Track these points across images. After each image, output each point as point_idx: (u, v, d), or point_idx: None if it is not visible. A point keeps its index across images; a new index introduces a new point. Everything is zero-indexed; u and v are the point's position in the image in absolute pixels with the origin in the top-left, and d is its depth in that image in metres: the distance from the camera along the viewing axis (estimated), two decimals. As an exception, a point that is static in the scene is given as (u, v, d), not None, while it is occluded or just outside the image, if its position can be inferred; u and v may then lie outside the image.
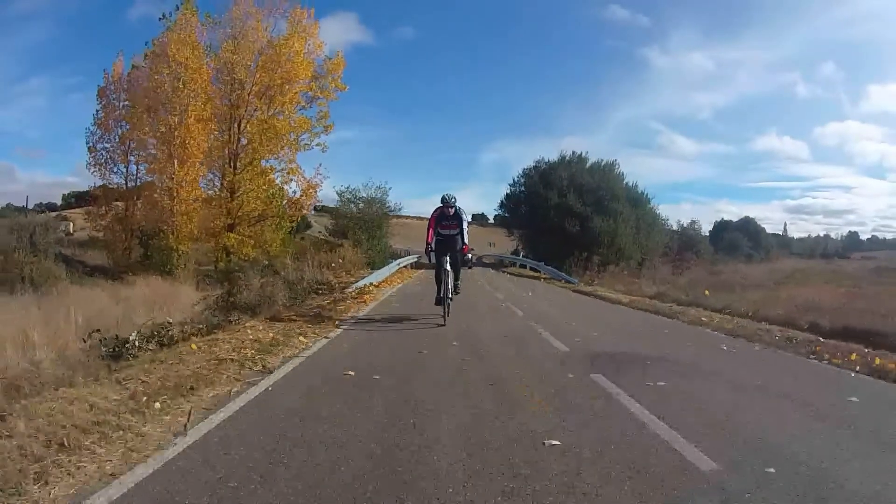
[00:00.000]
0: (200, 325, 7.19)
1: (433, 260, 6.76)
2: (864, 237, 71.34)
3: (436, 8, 71.69)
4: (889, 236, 66.45)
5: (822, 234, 71.67)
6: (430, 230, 6.70)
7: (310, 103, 22.12)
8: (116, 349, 5.52)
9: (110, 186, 23.04)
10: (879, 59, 71.02)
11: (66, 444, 2.48)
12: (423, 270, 17.42)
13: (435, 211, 6.80)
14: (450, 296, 6.63)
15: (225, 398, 3.17)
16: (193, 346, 4.49)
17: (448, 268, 6.59)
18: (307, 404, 3.15)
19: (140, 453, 2.38)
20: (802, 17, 69.11)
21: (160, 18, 20.61)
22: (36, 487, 2.09)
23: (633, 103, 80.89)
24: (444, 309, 6.59)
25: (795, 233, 71.12)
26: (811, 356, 5.45)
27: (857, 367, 4.95)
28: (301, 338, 5.12)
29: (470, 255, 7.24)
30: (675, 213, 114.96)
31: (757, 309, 9.74)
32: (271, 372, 3.85)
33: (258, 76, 20.93)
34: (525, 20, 71.73)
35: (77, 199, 49.90)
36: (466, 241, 6.76)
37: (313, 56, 21.67)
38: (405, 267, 18.21)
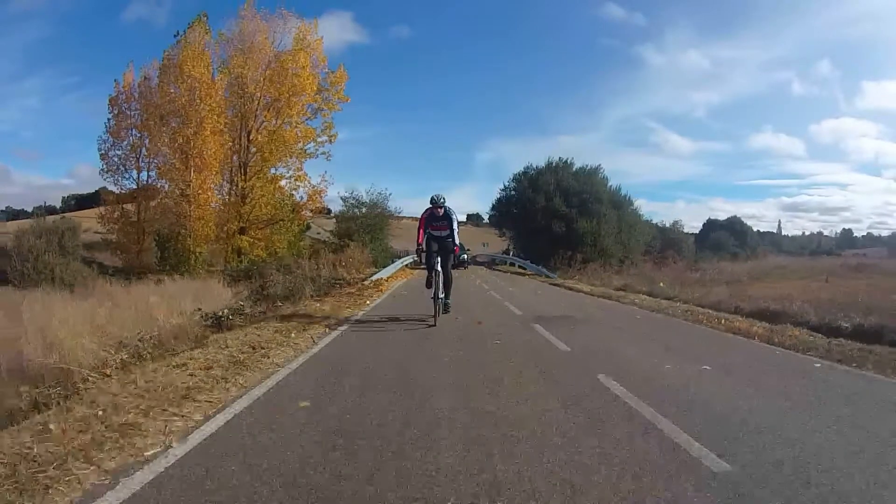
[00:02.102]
0: (262, 309, 9.89)
1: (424, 260, 7.02)
2: (859, 234, 74.49)
3: (431, 7, 74.53)
4: (884, 233, 69.25)
5: (815, 232, 75.11)
6: (421, 231, 6.89)
7: (315, 114, 24.28)
8: (215, 321, 8.22)
9: (121, 192, 24.68)
10: (875, 56, 74.76)
11: (261, 347, 5.21)
12: (423, 269, 20.23)
13: (424, 212, 6.96)
14: (441, 296, 6.83)
15: (325, 333, 5.95)
16: (287, 312, 7.22)
17: (439, 269, 6.74)
18: (373, 332, 5.97)
19: (300, 349, 5.14)
20: (798, 15, 72.80)
21: (174, 35, 22.86)
22: (262, 360, 4.80)
23: (628, 102, 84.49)
24: (436, 309, 6.77)
25: (791, 230, 74.50)
26: (694, 322, 8.25)
27: (722, 328, 7.75)
28: (349, 309, 7.95)
29: (465, 256, 8.48)
30: (669, 212, 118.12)
31: (698, 297, 12.59)
32: (342, 324, 6.62)
33: (266, 89, 23.15)
34: (520, 19, 74.86)
35: (77, 202, 52.27)
36: (458, 241, 6.93)
37: (318, 69, 23.79)
38: (406, 266, 20.95)
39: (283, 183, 23.94)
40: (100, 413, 3.27)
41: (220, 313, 8.50)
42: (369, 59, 72.38)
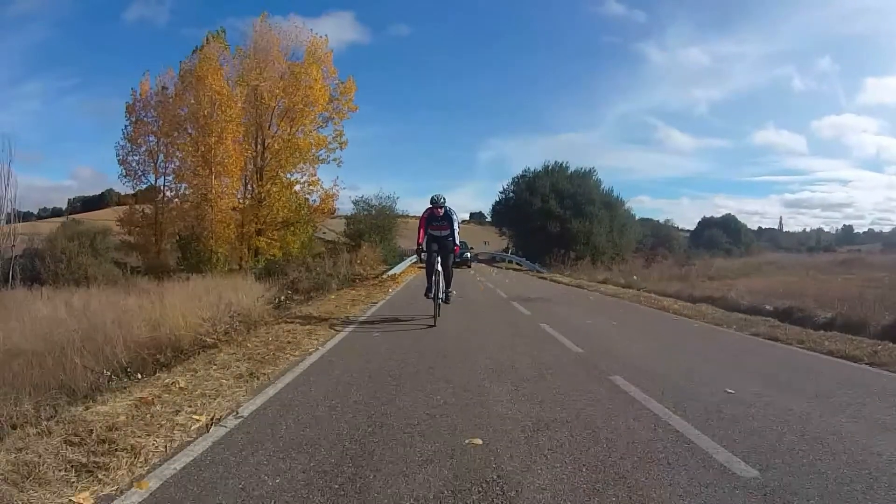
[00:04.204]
0: (302, 297, 13.03)
1: (424, 259, 7.39)
2: (861, 230, 76.82)
3: (431, 5, 77.47)
4: (886, 229, 71.50)
5: (815, 228, 78.10)
6: (421, 230, 7.26)
7: (326, 122, 26.97)
8: (274, 304, 11.37)
9: (139, 194, 26.79)
10: (876, 52, 77.20)
11: (341, 307, 8.41)
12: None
13: (425, 212, 7.27)
14: (440, 295, 7.24)
15: (370, 306, 9.14)
16: (332, 296, 10.41)
17: (439, 268, 7.11)
18: (404, 304, 9.15)
19: (358, 315, 8.31)
20: (798, 10, 75.53)
21: (193, 51, 25.56)
22: (342, 314, 7.97)
23: (629, 99, 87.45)
24: (436, 309, 7.21)
25: (794, 227, 77.17)
26: (637, 303, 11.38)
27: (653, 306, 10.86)
28: (378, 295, 11.16)
29: (468, 255, 10.53)
30: (674, 208, 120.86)
31: (661, 287, 15.72)
32: (376, 304, 9.79)
33: (281, 99, 25.92)
34: (521, 17, 77.76)
35: (83, 204, 55.36)
36: (458, 241, 7.29)
37: (328, 80, 26.42)
38: (413, 263, 24.08)
39: (297, 187, 26.75)
40: (269, 339, 6.41)
41: (278, 299, 11.70)
42: (371, 58, 75.28)
